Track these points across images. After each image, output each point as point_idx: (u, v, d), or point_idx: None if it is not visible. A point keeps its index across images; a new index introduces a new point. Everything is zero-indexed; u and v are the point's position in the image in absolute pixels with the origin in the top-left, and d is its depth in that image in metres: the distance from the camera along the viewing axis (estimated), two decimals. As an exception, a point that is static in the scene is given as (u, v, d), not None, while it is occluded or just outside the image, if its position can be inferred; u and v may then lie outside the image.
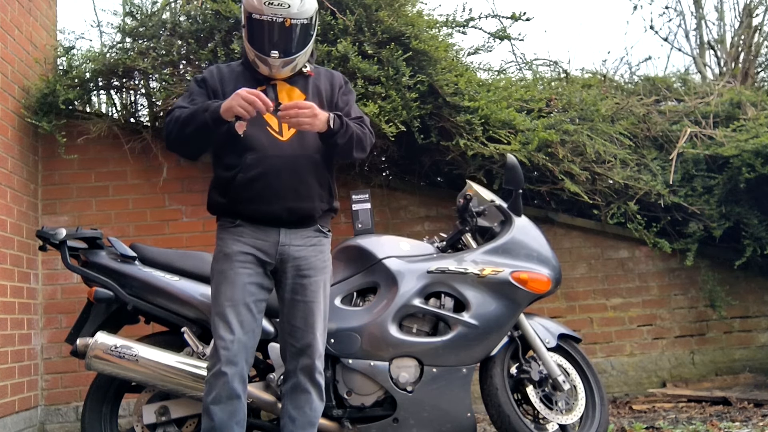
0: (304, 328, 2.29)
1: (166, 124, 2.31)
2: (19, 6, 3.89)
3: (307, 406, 2.30)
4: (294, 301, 2.31)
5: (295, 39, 2.27)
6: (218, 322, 2.22)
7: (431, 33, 4.00)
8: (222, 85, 2.36)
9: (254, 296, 2.26)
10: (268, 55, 2.26)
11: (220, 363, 2.17)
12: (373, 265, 2.93)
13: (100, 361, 2.52)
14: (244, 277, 2.25)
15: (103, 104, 4.38)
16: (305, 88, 2.39)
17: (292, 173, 2.27)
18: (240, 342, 2.20)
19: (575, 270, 4.53)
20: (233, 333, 2.19)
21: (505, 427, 2.85)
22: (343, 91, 2.49)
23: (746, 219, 4.40)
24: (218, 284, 2.27)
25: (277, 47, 2.26)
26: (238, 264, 2.26)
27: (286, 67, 2.31)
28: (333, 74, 2.52)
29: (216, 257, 2.34)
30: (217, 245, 2.35)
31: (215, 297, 2.27)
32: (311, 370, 2.29)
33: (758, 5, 6.74)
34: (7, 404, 3.45)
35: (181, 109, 2.30)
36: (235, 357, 2.19)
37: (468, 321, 2.83)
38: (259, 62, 2.32)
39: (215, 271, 2.31)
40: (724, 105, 5.08)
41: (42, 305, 3.94)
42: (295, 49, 2.29)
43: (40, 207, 4.04)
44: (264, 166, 2.24)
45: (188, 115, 2.23)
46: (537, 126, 4.00)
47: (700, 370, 4.58)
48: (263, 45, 2.27)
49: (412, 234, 4.07)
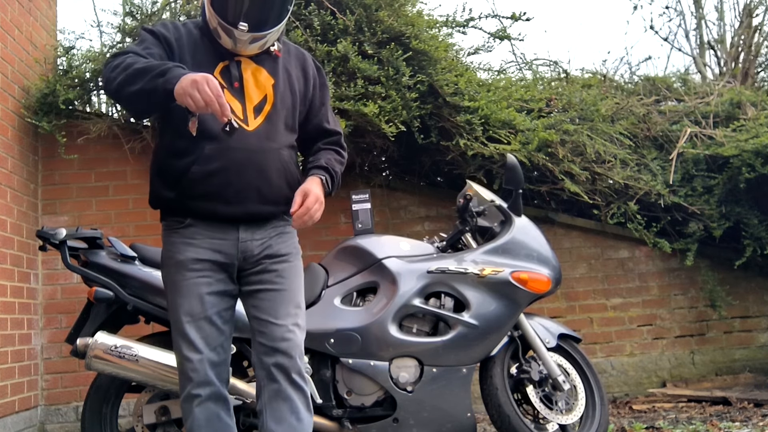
0: (274, 320, 1.91)
1: (109, 68, 1.86)
2: (19, 6, 3.88)
3: (293, 416, 1.87)
4: (260, 291, 1.95)
5: (272, 11, 1.90)
6: (180, 342, 1.91)
7: (431, 33, 4.00)
8: (180, 50, 1.96)
9: (216, 307, 1.93)
10: (235, 27, 1.87)
11: (191, 384, 1.89)
12: (373, 265, 2.93)
13: (100, 361, 2.52)
14: (202, 287, 1.91)
15: (103, 104, 4.39)
16: (274, 70, 2.02)
17: (257, 171, 1.92)
18: (208, 360, 1.90)
19: (575, 270, 4.53)
20: (199, 352, 1.89)
21: (505, 427, 2.85)
22: (319, 85, 2.15)
23: (746, 219, 4.40)
24: (173, 297, 1.95)
25: (248, 18, 1.87)
26: (193, 274, 1.92)
27: (254, 43, 1.93)
28: (304, 56, 2.15)
29: (165, 263, 2.00)
30: (164, 249, 2.01)
31: (172, 312, 1.95)
32: (287, 369, 1.88)
33: (758, 5, 6.74)
34: (7, 404, 3.45)
35: (133, 56, 1.85)
36: (206, 377, 1.89)
37: (468, 321, 2.83)
38: (222, 32, 1.92)
39: (167, 281, 1.99)
40: (724, 105, 5.08)
41: (42, 305, 3.94)
42: (270, 24, 1.91)
43: (40, 207, 4.04)
44: (225, 159, 1.89)
45: (140, 69, 1.79)
46: (537, 126, 4.01)
47: (700, 370, 4.58)
48: (230, 12, 1.87)
49: (412, 234, 4.07)
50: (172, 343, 1.95)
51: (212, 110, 1.71)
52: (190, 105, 1.71)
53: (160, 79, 1.75)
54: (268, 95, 2.00)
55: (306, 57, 2.16)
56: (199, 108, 1.71)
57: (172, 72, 1.75)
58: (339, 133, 2.21)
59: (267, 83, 2.00)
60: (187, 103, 1.71)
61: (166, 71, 1.76)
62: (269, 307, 1.93)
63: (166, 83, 1.73)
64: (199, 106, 1.71)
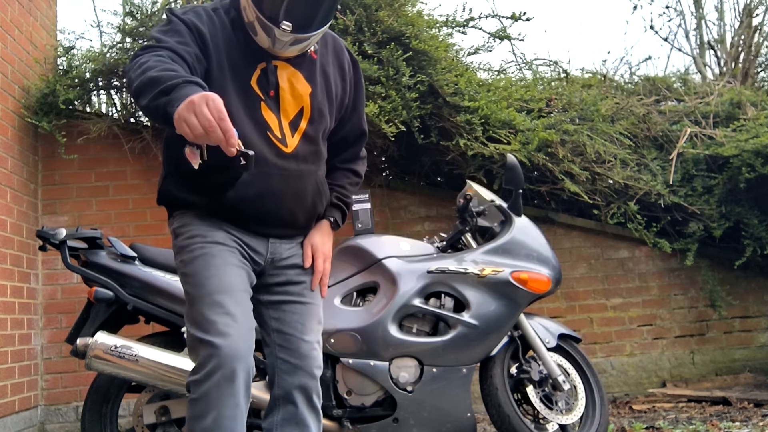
0: (301, 335, 1.75)
1: (132, 65, 1.53)
2: (19, 6, 3.88)
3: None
4: (286, 303, 1.78)
5: (319, 11, 1.63)
6: (209, 313, 1.58)
7: (431, 33, 4.00)
8: (215, 48, 1.66)
9: (248, 291, 1.70)
10: (277, 25, 1.59)
11: (226, 358, 1.53)
12: (373, 265, 2.93)
13: (100, 361, 2.52)
14: (236, 262, 1.69)
15: (103, 104, 4.39)
16: (311, 75, 1.77)
17: (295, 197, 1.75)
18: (246, 333, 1.60)
19: (575, 270, 4.53)
20: (237, 321, 1.59)
21: (505, 427, 2.85)
22: (355, 84, 1.91)
23: (746, 219, 4.40)
24: (199, 273, 1.65)
25: (292, 17, 1.59)
26: (225, 248, 1.69)
27: (295, 45, 1.66)
28: (341, 49, 1.89)
29: (184, 246, 1.71)
30: (181, 234, 1.73)
31: (197, 287, 1.63)
32: (308, 391, 1.73)
33: (758, 5, 6.74)
34: (7, 404, 3.45)
35: (159, 55, 1.52)
36: (247, 349, 1.58)
37: (468, 321, 2.83)
38: (259, 28, 1.65)
39: (188, 259, 1.68)
40: (724, 105, 5.08)
41: (42, 305, 3.94)
42: (315, 25, 1.64)
43: (40, 207, 4.04)
44: (263, 185, 1.68)
45: (152, 79, 1.44)
46: (537, 126, 4.01)
47: (700, 370, 4.58)
48: (272, 8, 1.59)
49: (412, 234, 4.07)
50: (190, 323, 1.62)
51: (213, 139, 1.34)
52: (186, 134, 1.35)
53: (163, 98, 1.41)
54: (305, 107, 1.76)
55: (343, 50, 1.89)
56: (197, 137, 1.34)
57: (180, 91, 1.39)
58: (364, 136, 1.98)
59: (304, 92, 1.75)
60: (183, 131, 1.35)
61: (173, 88, 1.40)
62: (296, 321, 1.77)
63: (168, 105, 1.39)
64: (196, 134, 1.33)
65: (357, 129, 1.95)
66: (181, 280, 1.72)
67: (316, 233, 1.86)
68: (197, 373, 1.57)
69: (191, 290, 1.66)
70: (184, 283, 1.70)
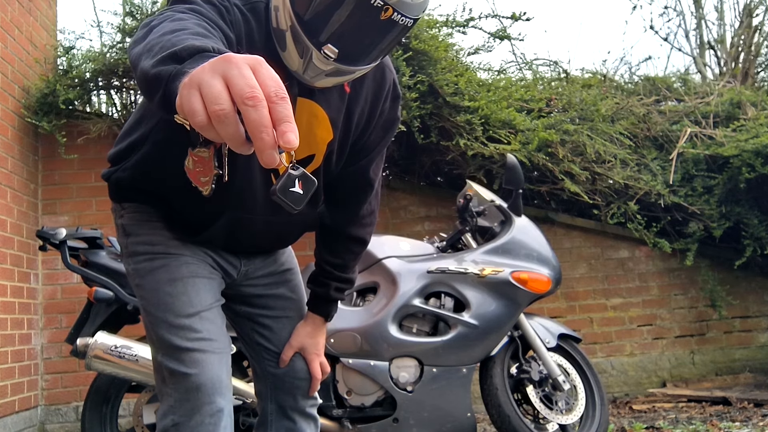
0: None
1: (141, 27, 1.07)
2: (19, 6, 3.88)
3: None
4: (270, 318, 1.56)
5: (381, 43, 1.20)
6: (178, 341, 1.32)
7: (431, 33, 4.00)
8: (250, 49, 1.22)
9: (221, 301, 1.45)
10: (320, 48, 1.17)
11: (208, 395, 1.30)
12: (373, 265, 2.93)
13: (100, 361, 2.52)
14: (205, 275, 1.41)
15: (103, 104, 4.40)
16: (336, 117, 1.36)
17: (277, 238, 1.53)
18: (225, 355, 1.38)
19: (575, 270, 4.53)
20: (212, 346, 1.35)
21: (505, 427, 2.85)
22: (384, 124, 1.48)
23: (746, 219, 4.40)
24: (157, 286, 1.36)
25: (341, 43, 1.16)
26: (189, 257, 1.40)
27: (333, 77, 1.24)
28: (383, 84, 1.43)
29: (139, 252, 1.40)
30: (134, 233, 1.42)
31: (160, 310, 1.35)
32: (302, 407, 1.57)
33: (758, 5, 6.74)
34: (7, 404, 3.45)
35: (171, 19, 1.04)
36: (227, 381, 1.36)
37: (468, 321, 2.83)
38: (291, 43, 1.22)
39: (145, 270, 1.38)
40: (724, 105, 5.08)
41: (42, 305, 3.94)
42: (369, 60, 1.23)
43: (40, 207, 4.04)
44: (243, 228, 1.42)
45: (168, 41, 0.93)
46: (537, 126, 4.01)
47: (700, 370, 4.58)
48: (322, 23, 1.16)
49: (412, 234, 4.07)
50: (157, 348, 1.36)
51: (254, 126, 0.74)
52: (196, 111, 0.76)
53: (170, 65, 0.88)
54: (317, 155, 1.39)
55: (384, 86, 1.43)
56: (219, 118, 0.75)
57: (200, 61, 0.83)
58: (370, 187, 1.58)
59: (322, 140, 1.37)
60: (191, 107, 0.76)
61: (191, 54, 0.88)
62: (284, 339, 1.55)
63: (172, 78, 0.86)
64: (218, 113, 0.75)
65: (361, 177, 1.53)
66: (137, 294, 1.41)
67: (306, 330, 1.56)
68: (175, 412, 1.31)
69: (153, 310, 1.36)
70: (142, 299, 1.39)
